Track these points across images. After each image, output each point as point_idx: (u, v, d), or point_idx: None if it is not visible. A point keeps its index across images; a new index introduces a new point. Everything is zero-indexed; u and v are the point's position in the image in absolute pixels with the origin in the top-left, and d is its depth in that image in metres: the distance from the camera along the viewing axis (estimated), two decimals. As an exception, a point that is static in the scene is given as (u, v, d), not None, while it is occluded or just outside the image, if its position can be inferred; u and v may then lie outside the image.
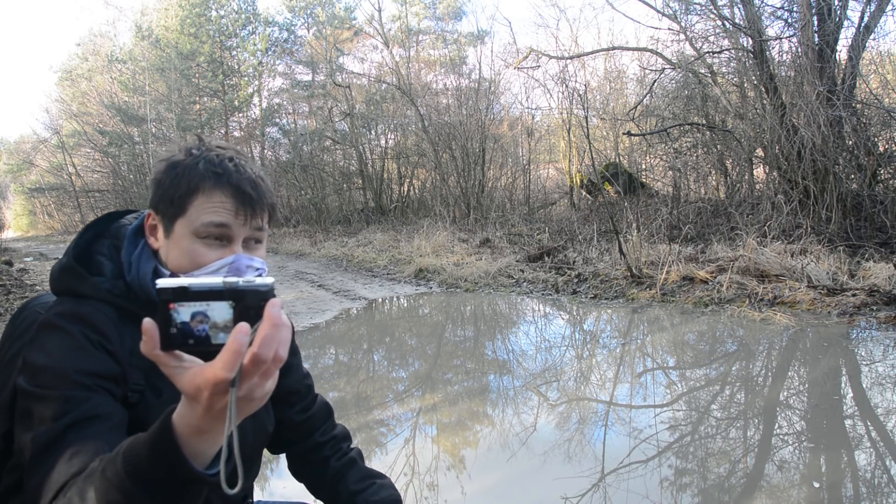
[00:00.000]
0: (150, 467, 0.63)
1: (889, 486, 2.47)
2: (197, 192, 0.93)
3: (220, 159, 0.96)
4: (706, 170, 11.57)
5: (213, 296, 0.58)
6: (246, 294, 0.59)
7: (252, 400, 0.61)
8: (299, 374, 1.26)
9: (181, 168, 0.95)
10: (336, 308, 6.89)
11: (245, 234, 0.96)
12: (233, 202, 0.94)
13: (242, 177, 0.95)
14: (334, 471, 1.22)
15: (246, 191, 0.95)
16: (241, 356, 0.57)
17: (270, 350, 0.58)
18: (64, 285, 0.97)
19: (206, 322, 0.58)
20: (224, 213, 0.93)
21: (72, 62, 31.54)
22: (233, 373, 0.57)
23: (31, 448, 0.80)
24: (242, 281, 0.59)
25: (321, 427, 1.26)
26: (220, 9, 26.52)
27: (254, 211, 0.95)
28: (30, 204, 37.85)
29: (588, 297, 6.78)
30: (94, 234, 1.04)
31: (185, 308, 0.58)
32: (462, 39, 25.00)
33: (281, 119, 26.53)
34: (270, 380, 0.61)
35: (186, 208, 0.94)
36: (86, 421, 0.81)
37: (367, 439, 3.19)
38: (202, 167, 0.94)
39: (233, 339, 0.57)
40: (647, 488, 2.46)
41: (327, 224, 19.40)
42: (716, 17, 9.45)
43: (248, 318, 0.58)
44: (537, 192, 17.59)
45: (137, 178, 26.26)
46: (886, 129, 8.44)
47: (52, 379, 0.84)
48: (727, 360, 4.47)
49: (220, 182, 0.94)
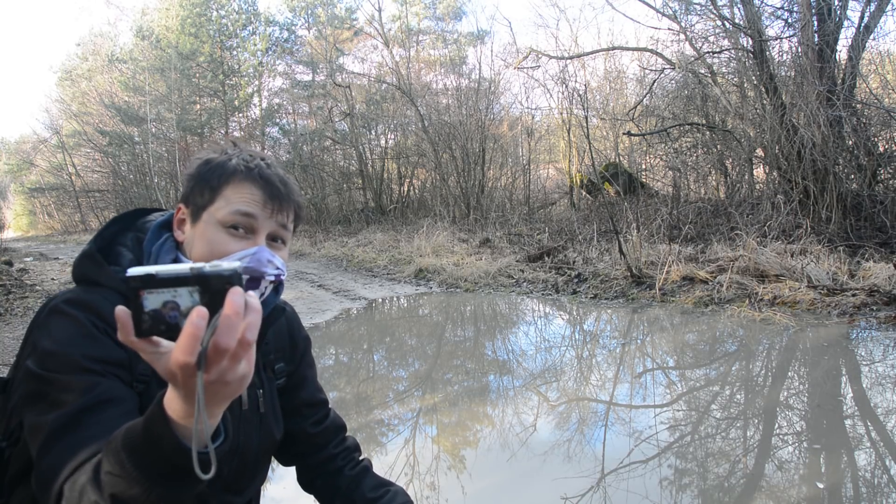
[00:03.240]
0: (144, 445, 0.65)
1: (889, 486, 2.47)
2: (228, 182, 0.97)
3: (252, 157, 1.01)
4: (706, 170, 11.57)
5: (179, 282, 0.59)
6: (210, 279, 0.59)
7: (227, 384, 0.61)
8: (314, 387, 1.27)
9: (215, 163, 1.00)
10: (336, 308, 6.89)
11: (270, 228, 0.99)
12: (262, 194, 0.98)
13: (273, 173, 1.01)
14: (349, 479, 1.23)
15: (275, 184, 0.99)
16: (197, 340, 0.57)
17: (231, 337, 0.58)
18: (81, 273, 0.98)
19: (176, 308, 0.59)
20: (252, 203, 0.97)
21: (72, 62, 31.55)
22: (192, 356, 0.57)
23: (46, 430, 0.81)
24: (209, 266, 0.59)
25: (334, 440, 1.27)
26: (220, 9, 26.51)
27: (280, 205, 0.99)
28: (30, 204, 37.86)
29: (588, 297, 6.78)
30: (120, 227, 1.06)
31: (153, 295, 0.59)
32: (462, 39, 25.00)
33: (281, 119, 26.52)
34: (243, 363, 0.61)
35: (216, 197, 0.97)
36: (100, 405, 0.83)
37: (368, 439, 3.19)
38: (235, 161, 1.00)
39: (188, 324, 0.57)
40: (646, 488, 2.46)
41: (327, 224, 19.40)
42: (716, 17, 9.45)
43: (213, 303, 0.58)
44: (537, 192, 17.58)
45: (137, 178, 26.26)
46: (886, 129, 8.44)
47: (62, 364, 0.85)
48: (727, 361, 4.47)
49: (250, 175, 0.98)
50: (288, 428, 1.19)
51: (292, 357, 1.22)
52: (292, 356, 1.22)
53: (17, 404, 0.89)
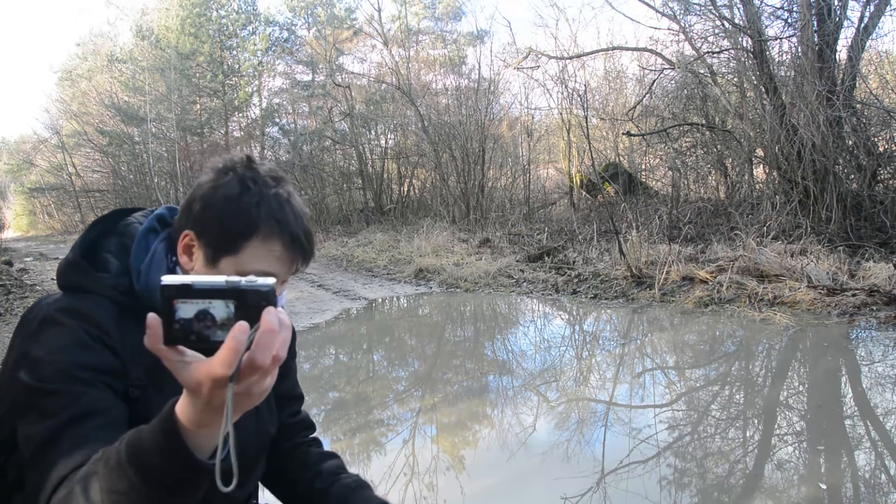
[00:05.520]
0: (152, 455, 0.64)
1: (889, 486, 2.47)
2: (254, 236, 0.92)
3: (278, 202, 0.94)
4: (706, 170, 11.57)
5: (215, 294, 0.59)
6: (247, 294, 0.60)
7: (251, 396, 0.62)
8: (294, 380, 1.28)
9: (237, 205, 0.92)
10: (336, 308, 6.89)
11: (285, 278, 0.98)
12: (288, 254, 0.94)
13: (300, 226, 0.96)
14: (314, 459, 1.23)
15: (302, 244, 0.95)
16: (238, 354, 0.58)
17: (266, 355, 0.59)
18: (69, 280, 0.97)
19: (208, 319, 0.60)
20: (276, 262, 0.94)
21: (72, 62, 31.50)
22: (231, 370, 0.58)
23: (32, 443, 0.81)
24: (245, 281, 0.60)
25: (304, 432, 1.28)
26: (220, 9, 26.51)
27: (304, 262, 0.98)
28: (30, 204, 37.82)
29: (588, 297, 6.78)
30: (101, 230, 1.03)
31: (187, 305, 0.59)
32: (461, 39, 24.97)
33: (281, 119, 26.49)
34: (269, 377, 0.63)
35: (240, 250, 0.92)
36: (85, 416, 0.82)
37: (367, 439, 3.18)
38: (264, 211, 0.92)
39: (231, 338, 0.58)
40: (646, 488, 2.46)
41: (327, 224, 19.39)
42: (715, 17, 9.44)
43: (248, 318, 0.59)
44: (537, 192, 17.57)
45: (137, 178, 26.23)
46: (886, 129, 8.44)
47: (51, 373, 0.84)
48: (727, 361, 4.47)
49: (279, 231, 0.93)
50: None
51: None
52: None
53: (8, 413, 0.88)
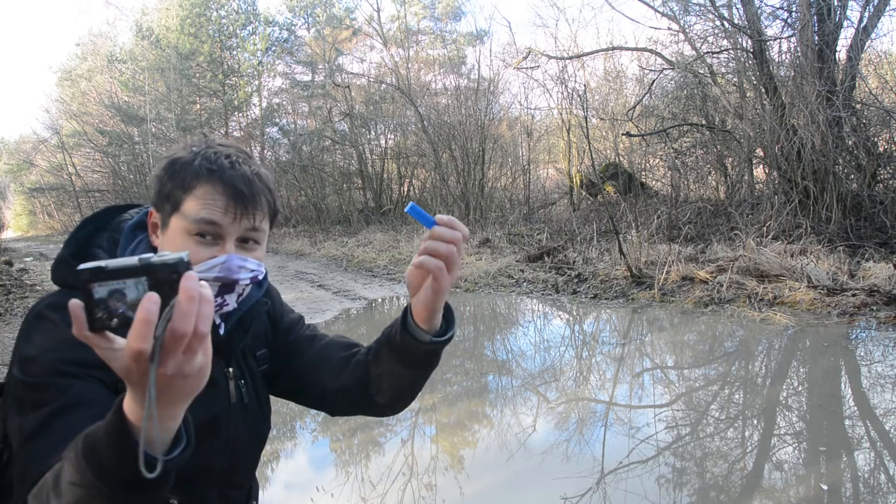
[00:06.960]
0: (104, 452, 0.62)
1: (889, 486, 2.47)
2: (191, 188, 0.92)
3: (216, 156, 0.94)
4: (706, 170, 11.57)
5: (127, 273, 0.58)
6: (157, 268, 0.58)
7: (186, 377, 0.59)
8: (324, 339, 1.18)
9: (178, 165, 0.94)
10: (336, 308, 6.88)
11: (238, 234, 0.94)
12: (224, 199, 0.92)
13: (237, 173, 0.93)
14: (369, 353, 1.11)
15: (238, 188, 0.92)
16: (149, 325, 0.55)
17: (188, 323, 0.56)
18: (59, 277, 0.97)
19: (125, 300, 0.58)
20: (215, 210, 0.91)
21: (71, 62, 31.52)
22: (145, 342, 0.56)
23: (21, 434, 0.81)
24: (156, 256, 0.58)
25: (353, 349, 1.16)
26: (220, 9, 26.51)
27: (245, 209, 0.93)
28: (30, 204, 37.86)
29: (588, 297, 6.78)
30: (94, 227, 1.04)
31: (103, 287, 0.58)
32: (461, 39, 24.98)
33: (281, 119, 26.50)
34: (199, 355, 0.59)
35: (180, 204, 0.93)
36: (71, 408, 0.81)
37: (367, 439, 3.18)
38: (197, 164, 0.93)
39: (140, 308, 0.55)
40: (646, 488, 2.46)
41: (327, 224, 19.40)
42: (715, 17, 9.45)
43: (162, 294, 0.57)
44: (537, 192, 17.58)
45: (137, 178, 26.23)
46: (886, 129, 8.44)
47: (40, 368, 0.84)
48: (727, 361, 4.47)
49: (212, 178, 0.92)
50: (323, 390, 1.11)
51: (274, 337, 1.17)
52: (274, 336, 1.17)
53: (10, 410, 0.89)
